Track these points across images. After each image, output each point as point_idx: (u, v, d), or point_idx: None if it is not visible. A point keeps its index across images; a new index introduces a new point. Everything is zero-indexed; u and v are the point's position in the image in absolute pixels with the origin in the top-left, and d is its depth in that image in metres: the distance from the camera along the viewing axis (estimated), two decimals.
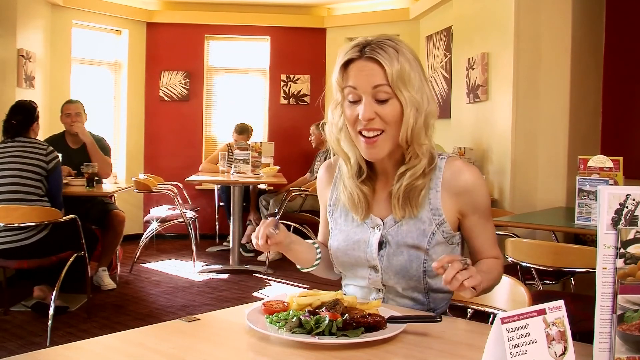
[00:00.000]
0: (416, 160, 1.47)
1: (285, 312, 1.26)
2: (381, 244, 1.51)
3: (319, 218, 1.74)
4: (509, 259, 2.80)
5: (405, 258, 1.48)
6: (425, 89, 1.47)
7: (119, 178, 6.88)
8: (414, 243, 1.48)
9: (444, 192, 1.49)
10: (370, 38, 1.46)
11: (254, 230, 1.48)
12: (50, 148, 3.93)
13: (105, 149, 5.05)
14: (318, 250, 1.62)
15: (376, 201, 1.55)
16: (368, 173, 1.54)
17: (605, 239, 0.99)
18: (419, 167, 1.47)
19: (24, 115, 4.00)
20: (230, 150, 6.53)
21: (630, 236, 0.99)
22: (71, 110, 4.94)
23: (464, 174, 1.50)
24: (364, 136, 1.45)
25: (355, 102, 1.44)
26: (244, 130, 6.65)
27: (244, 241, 6.35)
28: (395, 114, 1.43)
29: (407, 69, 1.42)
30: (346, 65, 1.46)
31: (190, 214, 5.92)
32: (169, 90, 7.40)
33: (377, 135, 1.44)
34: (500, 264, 1.57)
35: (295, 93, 7.58)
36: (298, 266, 1.64)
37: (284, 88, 7.58)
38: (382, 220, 1.52)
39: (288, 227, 5.99)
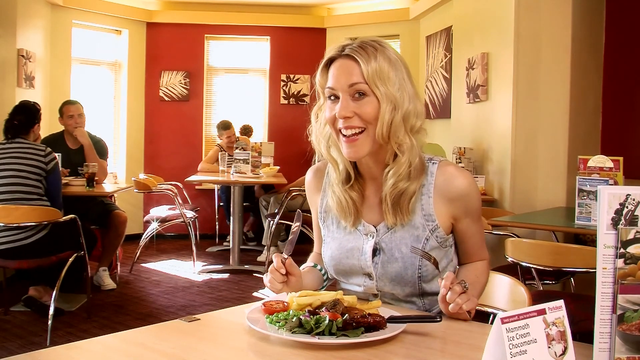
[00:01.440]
0: (397, 159, 1.45)
1: (285, 312, 1.26)
2: (375, 251, 1.50)
3: None
4: (509, 259, 2.80)
5: (400, 265, 1.47)
6: (407, 88, 1.45)
7: (119, 178, 6.89)
8: (407, 250, 1.46)
9: (436, 197, 1.48)
10: (356, 39, 1.47)
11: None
12: (49, 149, 3.93)
13: (102, 151, 5.05)
14: (323, 272, 1.63)
15: (368, 207, 1.54)
16: (357, 179, 1.53)
17: (605, 239, 0.99)
18: (400, 165, 1.45)
19: (25, 115, 4.01)
20: (222, 150, 6.52)
21: (630, 236, 0.99)
22: (74, 112, 4.94)
23: (457, 179, 1.48)
24: (344, 135, 1.43)
25: (335, 101, 1.44)
26: (227, 126, 6.64)
27: (245, 229, 6.35)
28: (374, 112, 1.41)
29: (385, 68, 1.41)
30: (329, 66, 1.46)
31: (190, 214, 5.93)
32: (169, 90, 7.40)
33: (358, 133, 1.42)
34: (488, 266, 1.61)
35: (295, 93, 7.58)
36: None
37: (284, 88, 7.59)
38: (375, 227, 1.51)
39: (288, 226, 5.99)
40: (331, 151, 1.52)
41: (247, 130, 7.09)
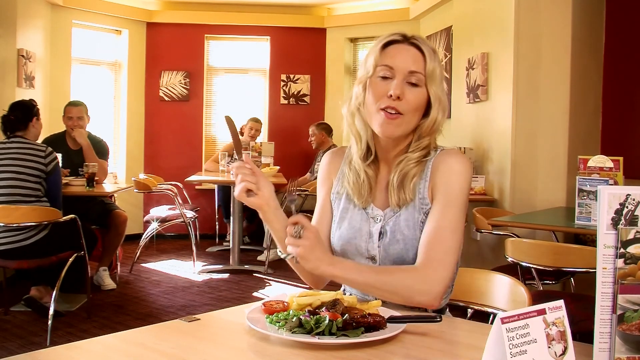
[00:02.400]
0: (418, 150, 1.53)
1: (285, 312, 1.26)
2: (380, 235, 1.53)
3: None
4: (509, 259, 2.80)
5: (402, 247, 1.49)
6: (445, 97, 1.55)
7: (119, 178, 6.89)
8: (409, 232, 1.49)
9: (431, 178, 1.52)
10: (411, 33, 1.56)
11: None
12: (49, 149, 3.92)
13: (103, 151, 5.05)
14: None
15: (378, 190, 1.58)
16: (373, 158, 1.58)
17: (605, 239, 0.99)
18: (417, 155, 1.52)
19: (22, 111, 4.01)
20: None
21: (630, 236, 0.99)
22: (73, 114, 4.93)
23: (451, 156, 1.53)
24: (384, 112, 1.48)
25: (386, 80, 1.49)
26: (257, 120, 6.76)
27: (244, 233, 6.37)
28: (420, 102, 1.50)
29: (438, 71, 1.52)
30: (384, 46, 1.52)
31: (190, 214, 5.92)
32: (169, 90, 7.40)
33: (398, 114, 1.48)
34: (419, 274, 1.39)
35: (295, 93, 7.58)
36: (279, 253, 1.57)
37: (284, 88, 7.59)
38: (382, 211, 1.54)
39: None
40: (356, 122, 1.56)
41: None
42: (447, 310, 1.62)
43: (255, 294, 4.84)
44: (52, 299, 3.60)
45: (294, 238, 1.35)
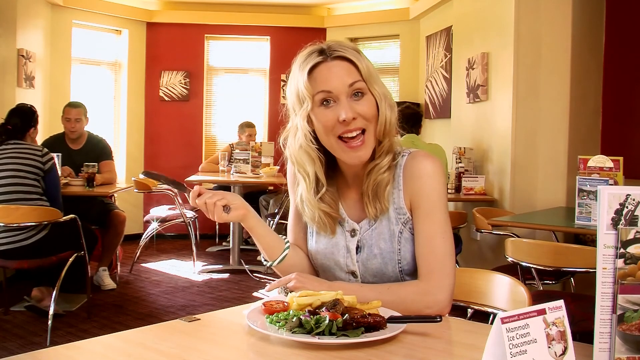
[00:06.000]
0: (382, 155, 1.46)
1: (285, 312, 1.26)
2: (357, 249, 1.51)
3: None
4: (509, 259, 2.80)
5: (380, 261, 1.48)
6: (388, 91, 1.48)
7: (119, 178, 6.88)
8: (385, 245, 1.47)
9: (405, 187, 1.47)
10: (324, 44, 1.45)
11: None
12: (46, 150, 3.93)
13: (107, 152, 5.06)
14: (286, 240, 1.59)
15: (350, 204, 1.53)
16: (329, 185, 1.50)
17: (605, 239, 0.99)
18: (385, 161, 1.46)
19: (21, 119, 3.99)
20: (233, 150, 6.56)
21: (630, 236, 0.99)
22: (71, 116, 4.90)
23: (421, 161, 1.47)
24: (345, 141, 1.41)
25: (329, 105, 1.41)
26: (250, 125, 6.73)
27: (246, 236, 6.37)
28: (373, 110, 1.42)
29: (372, 66, 1.44)
30: (309, 72, 1.42)
31: (190, 214, 5.92)
32: (169, 90, 7.40)
33: (360, 135, 1.41)
34: (423, 289, 1.41)
35: None
36: (264, 261, 1.60)
37: (284, 88, 7.57)
38: (358, 224, 1.51)
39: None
40: (300, 157, 1.47)
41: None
42: None
43: (255, 294, 4.84)
44: (52, 299, 3.61)
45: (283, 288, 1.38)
